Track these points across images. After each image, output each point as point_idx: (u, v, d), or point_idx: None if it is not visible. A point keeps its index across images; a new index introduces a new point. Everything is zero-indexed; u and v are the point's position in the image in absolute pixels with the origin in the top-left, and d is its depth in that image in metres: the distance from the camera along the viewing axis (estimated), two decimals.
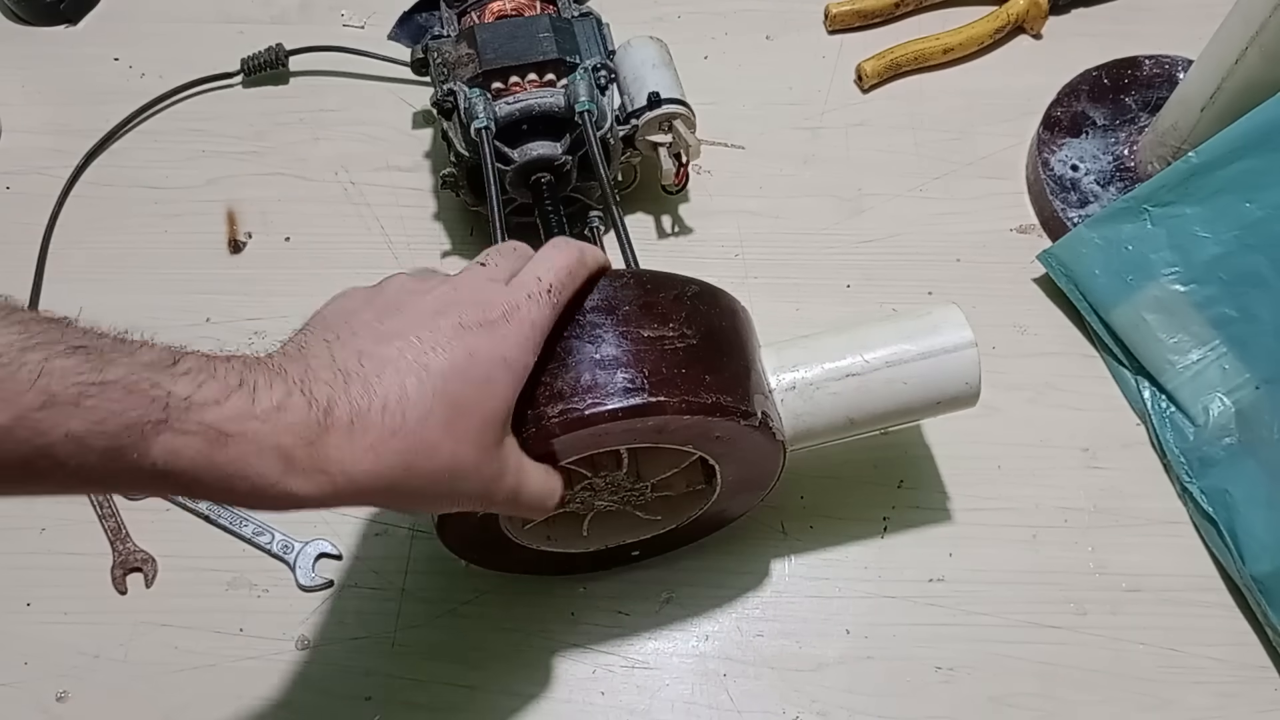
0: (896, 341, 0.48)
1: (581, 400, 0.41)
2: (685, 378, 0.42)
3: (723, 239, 0.68)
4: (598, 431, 0.41)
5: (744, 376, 0.45)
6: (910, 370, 0.48)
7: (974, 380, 0.49)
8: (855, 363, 0.48)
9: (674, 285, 0.46)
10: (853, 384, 0.48)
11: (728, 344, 0.46)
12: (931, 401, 0.49)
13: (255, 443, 0.32)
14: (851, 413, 0.48)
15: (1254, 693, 0.53)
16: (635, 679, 0.54)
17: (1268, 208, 0.56)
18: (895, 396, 0.48)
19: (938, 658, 0.54)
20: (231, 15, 0.78)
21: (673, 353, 0.43)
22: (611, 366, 0.42)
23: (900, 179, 0.70)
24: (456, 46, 0.62)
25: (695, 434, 0.44)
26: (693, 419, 0.42)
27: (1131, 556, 0.57)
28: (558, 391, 0.41)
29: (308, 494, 0.34)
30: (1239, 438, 0.56)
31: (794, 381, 0.48)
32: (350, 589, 0.56)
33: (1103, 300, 0.61)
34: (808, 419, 0.48)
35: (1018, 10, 0.74)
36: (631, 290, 0.44)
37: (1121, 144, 0.68)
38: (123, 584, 0.56)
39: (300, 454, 0.33)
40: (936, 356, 0.48)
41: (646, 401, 0.41)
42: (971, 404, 0.50)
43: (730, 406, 0.43)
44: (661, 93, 0.61)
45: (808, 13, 0.77)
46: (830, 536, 0.58)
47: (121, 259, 0.67)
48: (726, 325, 0.46)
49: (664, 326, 0.43)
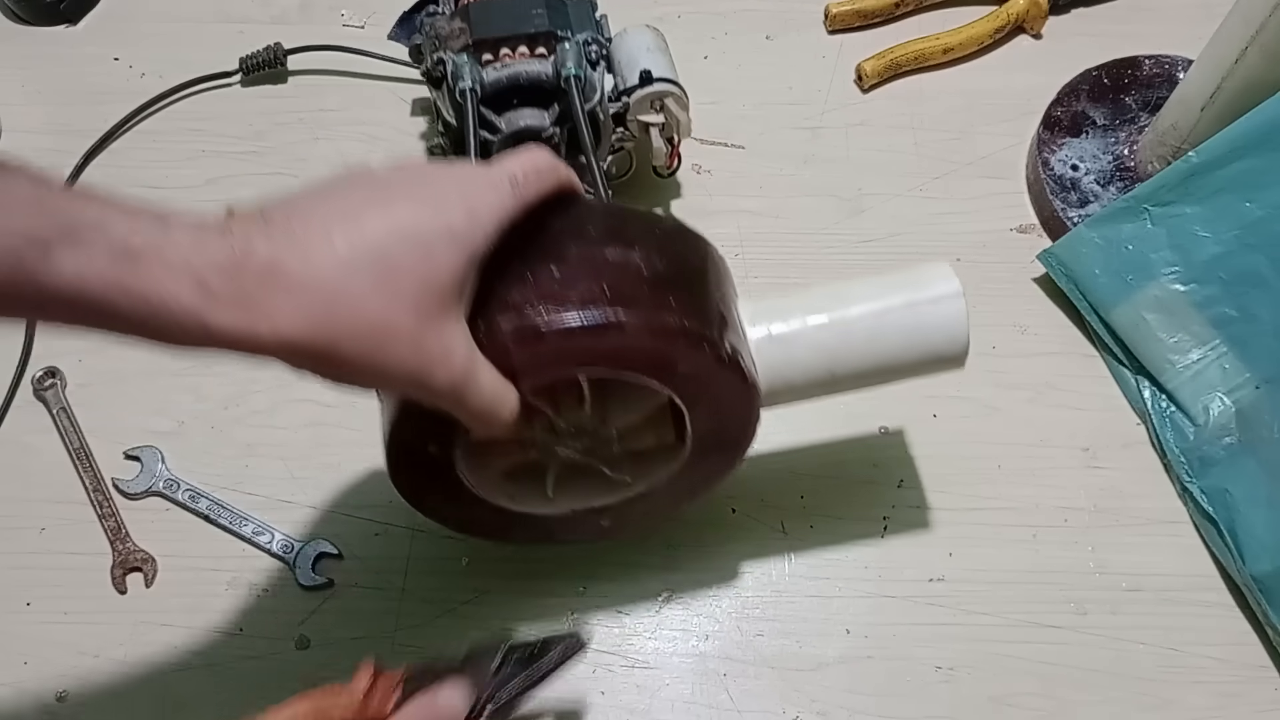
0: (880, 292, 0.46)
1: (537, 313, 0.39)
2: (649, 299, 0.40)
3: (723, 239, 0.66)
4: (553, 349, 0.39)
5: (713, 308, 0.43)
6: (893, 320, 0.46)
7: (960, 333, 0.46)
8: (836, 313, 0.46)
9: (646, 218, 0.44)
10: (833, 333, 0.46)
11: (699, 278, 0.44)
12: (916, 354, 0.46)
13: (168, 265, 0.31)
14: (832, 364, 0.46)
15: (1254, 693, 0.53)
16: (635, 679, 0.54)
17: (1268, 207, 0.56)
18: (878, 348, 0.46)
19: (938, 658, 0.54)
20: (231, 15, 0.78)
21: (637, 275, 0.41)
22: (571, 282, 0.40)
23: (900, 179, 0.70)
24: (450, 22, 0.62)
25: (658, 362, 0.41)
26: (655, 342, 0.40)
27: (1131, 556, 0.57)
28: (513, 304, 0.39)
29: (232, 330, 0.32)
30: (1239, 437, 0.56)
31: (771, 329, 0.45)
32: (350, 589, 0.56)
33: (1103, 300, 0.61)
34: (785, 369, 0.45)
35: (1018, 10, 0.74)
36: (600, 216, 0.43)
37: (1121, 144, 0.68)
38: (123, 584, 0.56)
39: (218, 285, 0.32)
40: (921, 306, 0.46)
41: (606, 318, 0.39)
42: (959, 362, 0.48)
43: (696, 332, 0.41)
44: (654, 72, 0.61)
45: (808, 13, 0.77)
46: (830, 536, 0.58)
47: None
48: (698, 263, 0.44)
49: (630, 251, 0.41)
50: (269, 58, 0.73)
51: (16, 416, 0.62)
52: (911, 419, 0.61)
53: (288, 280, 0.33)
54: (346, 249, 0.34)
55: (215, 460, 0.60)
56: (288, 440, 0.60)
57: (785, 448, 0.60)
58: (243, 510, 0.58)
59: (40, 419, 0.61)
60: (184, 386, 0.62)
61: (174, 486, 0.59)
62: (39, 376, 0.62)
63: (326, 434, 0.61)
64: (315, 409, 0.61)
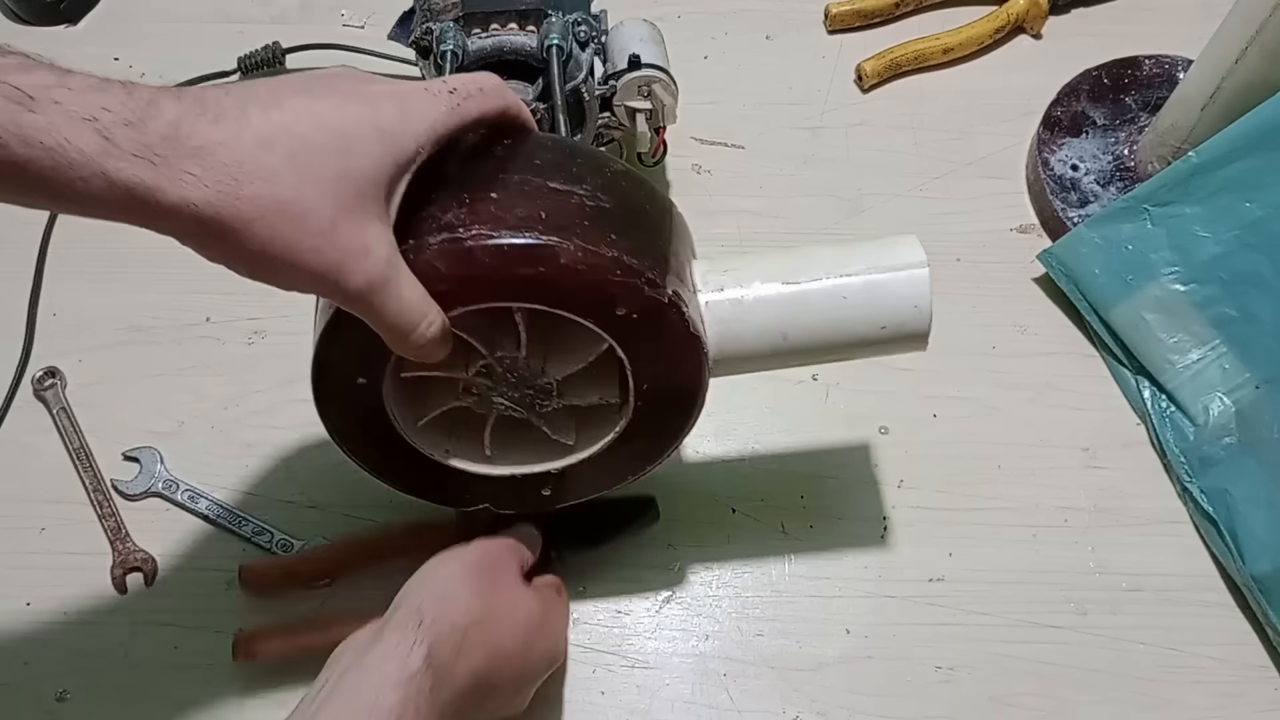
0: (844, 258, 0.44)
1: (467, 231, 0.37)
2: (587, 230, 0.39)
3: (723, 239, 0.68)
4: (481, 270, 0.38)
5: (656, 249, 0.41)
6: (854, 285, 0.43)
7: (924, 305, 0.44)
8: (794, 276, 0.43)
9: (598, 157, 0.43)
10: (789, 294, 0.43)
11: (644, 218, 0.42)
12: (876, 325, 0.44)
13: (67, 111, 0.30)
14: (785, 327, 0.43)
15: (1254, 693, 0.53)
16: (635, 679, 0.54)
17: (1268, 207, 0.56)
18: (836, 314, 0.44)
19: (938, 658, 0.54)
20: (231, 15, 0.78)
21: (579, 206, 0.39)
22: (508, 206, 0.38)
23: (900, 179, 0.70)
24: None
25: (594, 299, 0.40)
26: (590, 273, 0.38)
27: (1131, 556, 0.57)
28: (445, 223, 0.38)
29: (135, 186, 0.31)
30: (1239, 437, 0.56)
31: (723, 287, 0.43)
32: (351, 589, 0.56)
33: (1103, 300, 0.61)
34: (736, 328, 0.43)
35: (1018, 10, 0.74)
36: (549, 148, 0.42)
37: (1121, 144, 0.68)
38: (122, 584, 0.56)
39: (121, 136, 0.31)
40: (884, 275, 0.44)
41: (538, 241, 0.38)
42: (921, 341, 0.45)
43: (634, 268, 0.39)
44: (643, 58, 0.61)
45: (808, 12, 0.77)
46: (830, 536, 0.58)
47: (121, 258, 0.67)
48: (647, 206, 0.43)
49: (576, 185, 0.40)
50: (267, 57, 0.73)
51: (16, 416, 0.62)
52: (911, 419, 0.61)
53: (196, 143, 0.32)
54: (262, 124, 0.33)
55: (215, 460, 0.60)
56: (288, 440, 0.60)
57: (785, 448, 0.60)
58: (242, 510, 0.58)
59: (40, 419, 0.61)
60: (184, 386, 0.62)
61: (173, 487, 0.59)
62: (39, 376, 0.62)
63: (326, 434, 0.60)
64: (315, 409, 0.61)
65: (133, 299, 0.65)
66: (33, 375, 0.62)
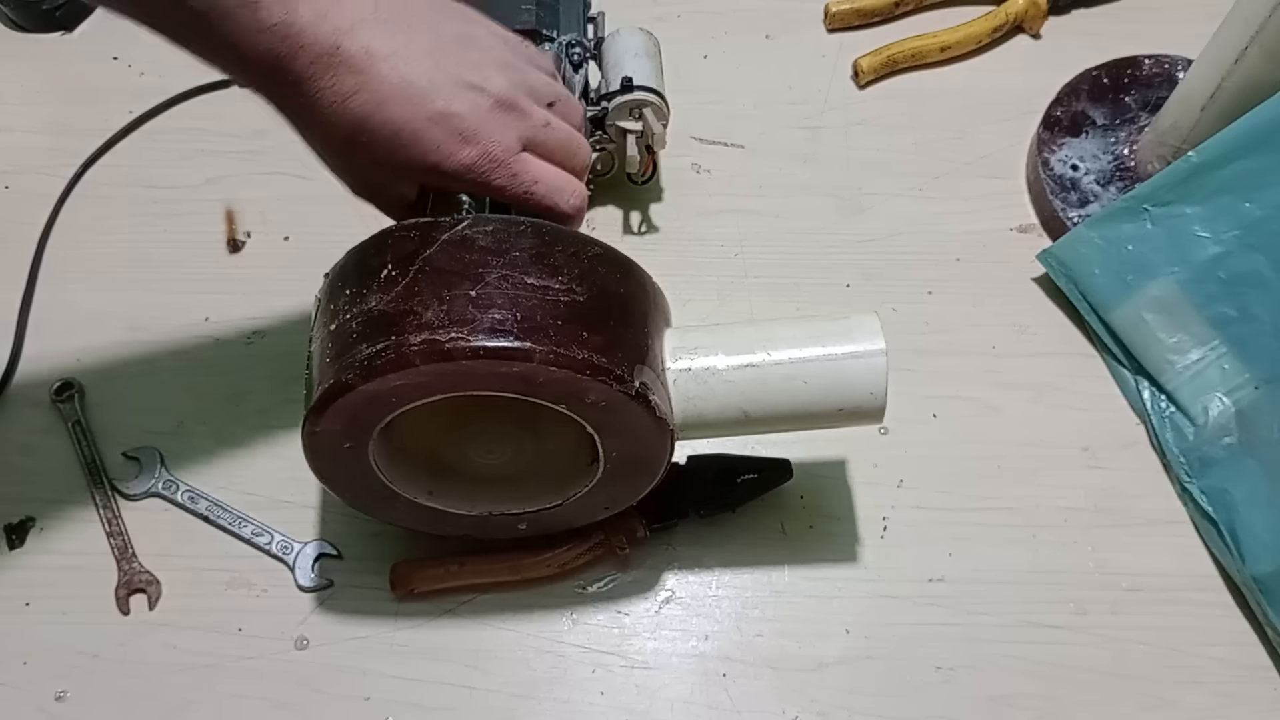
0: (804, 340, 0.47)
1: (446, 333, 0.40)
2: (560, 330, 0.41)
3: (722, 238, 0.68)
4: (460, 369, 0.40)
5: (628, 343, 0.44)
6: (812, 369, 0.46)
7: (879, 390, 0.46)
8: (758, 355, 0.46)
9: (575, 242, 0.44)
10: (750, 374, 0.46)
11: (619, 309, 0.44)
12: (832, 407, 0.47)
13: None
14: (746, 404, 0.46)
15: (1254, 693, 0.53)
16: (635, 679, 0.54)
17: (1268, 207, 0.56)
18: (794, 394, 0.46)
19: (938, 658, 0.54)
20: None
21: (554, 304, 0.41)
22: (484, 306, 0.41)
23: (900, 179, 0.70)
24: None
25: (566, 391, 0.42)
26: (562, 373, 0.41)
27: (1131, 556, 0.57)
28: (426, 322, 0.40)
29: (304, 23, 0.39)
30: (1239, 438, 0.56)
31: (691, 364, 0.46)
32: (350, 589, 0.56)
33: (1103, 300, 0.61)
34: (699, 404, 0.46)
35: (1016, 10, 0.74)
36: (527, 238, 0.43)
37: (1121, 144, 0.68)
38: (125, 605, 0.56)
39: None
40: (842, 360, 0.46)
41: (513, 345, 0.40)
42: (877, 418, 0.48)
43: (603, 367, 0.41)
44: (636, 79, 0.61)
45: (807, 12, 0.77)
46: (830, 536, 0.58)
47: (120, 258, 0.67)
48: (624, 292, 0.45)
49: (552, 278, 0.42)
50: None
51: (17, 416, 0.62)
52: (911, 419, 0.61)
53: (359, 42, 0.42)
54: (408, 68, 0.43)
55: (215, 460, 0.60)
56: (287, 440, 0.60)
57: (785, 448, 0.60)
58: (242, 510, 0.58)
59: (40, 419, 0.61)
60: (183, 386, 0.62)
61: (173, 487, 0.59)
62: (57, 388, 0.61)
63: None
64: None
65: (132, 299, 0.65)
66: (51, 387, 0.62)
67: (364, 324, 0.42)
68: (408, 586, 0.55)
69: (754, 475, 0.56)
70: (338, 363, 0.42)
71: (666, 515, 0.56)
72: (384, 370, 0.40)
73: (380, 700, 0.53)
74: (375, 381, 0.41)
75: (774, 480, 0.57)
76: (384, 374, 0.40)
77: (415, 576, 0.55)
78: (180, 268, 0.67)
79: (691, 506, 0.56)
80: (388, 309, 0.41)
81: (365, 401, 0.42)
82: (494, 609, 0.56)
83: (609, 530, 0.55)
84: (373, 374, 0.41)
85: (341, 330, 0.42)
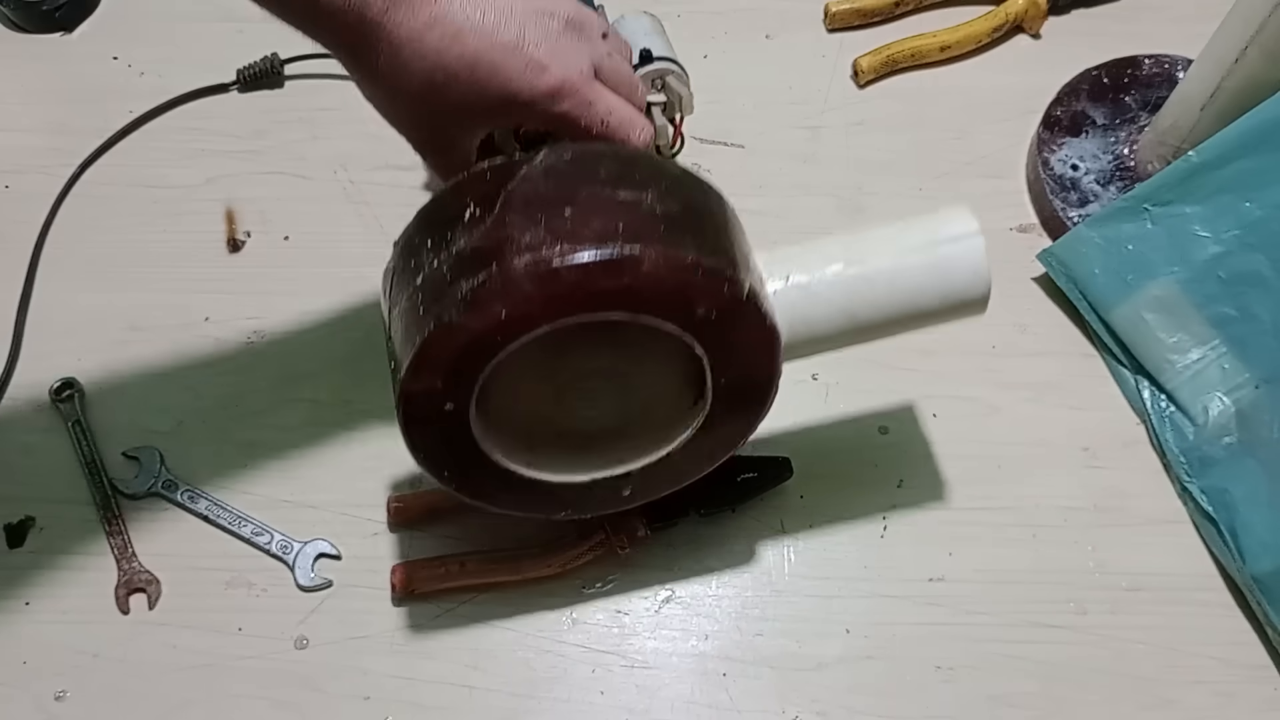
0: (898, 234, 0.46)
1: (550, 250, 0.38)
2: (665, 236, 0.40)
3: None
4: (569, 287, 0.39)
5: (730, 248, 0.42)
6: (913, 262, 0.45)
7: (981, 270, 0.46)
8: (854, 258, 0.45)
9: (653, 163, 0.44)
10: (852, 277, 0.45)
11: (712, 218, 0.43)
12: (938, 297, 0.46)
13: None
14: (853, 309, 0.45)
15: (1254, 693, 0.53)
16: (635, 679, 0.54)
17: (1268, 207, 0.56)
18: (899, 291, 0.45)
19: (938, 657, 0.54)
20: (231, 14, 0.78)
21: (650, 215, 0.40)
22: (584, 221, 0.39)
23: (900, 178, 0.70)
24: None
25: (676, 302, 0.41)
26: (673, 279, 0.40)
27: (1131, 556, 0.57)
28: (527, 244, 0.39)
29: None
30: (1239, 437, 0.56)
31: (790, 277, 0.45)
32: (350, 589, 0.56)
33: (1103, 300, 0.61)
34: (806, 316, 0.45)
35: (1016, 10, 0.74)
36: (608, 159, 0.43)
37: (1121, 143, 0.68)
38: (125, 604, 0.56)
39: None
40: (941, 246, 0.45)
41: (622, 253, 0.39)
42: (981, 306, 0.47)
43: (714, 268, 0.40)
44: (654, 51, 0.61)
45: (807, 12, 0.77)
46: (830, 536, 0.58)
47: (119, 258, 0.67)
48: (713, 206, 0.44)
49: (641, 192, 0.41)
50: (265, 68, 0.73)
51: (17, 416, 0.61)
52: (911, 419, 0.61)
53: None
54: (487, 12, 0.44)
55: (215, 460, 0.60)
56: (287, 440, 0.60)
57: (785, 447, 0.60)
58: (242, 510, 0.58)
59: (40, 419, 0.61)
60: (183, 386, 0.62)
61: (173, 487, 0.59)
62: (57, 388, 0.61)
63: (326, 434, 0.60)
64: (315, 409, 0.61)
65: (132, 299, 0.65)
66: (50, 386, 0.62)
67: (457, 264, 0.40)
68: (408, 586, 0.55)
69: (754, 474, 0.56)
70: (436, 306, 0.40)
71: (666, 515, 0.56)
72: (490, 299, 0.39)
73: (380, 700, 0.53)
74: (481, 315, 0.39)
75: (774, 479, 0.57)
76: (490, 303, 0.39)
77: (415, 576, 0.55)
78: (180, 267, 0.67)
79: (691, 506, 0.56)
80: (480, 244, 0.39)
81: (467, 345, 0.40)
82: (494, 609, 0.56)
83: (609, 530, 0.55)
84: (478, 304, 0.39)
85: (431, 278, 0.40)
